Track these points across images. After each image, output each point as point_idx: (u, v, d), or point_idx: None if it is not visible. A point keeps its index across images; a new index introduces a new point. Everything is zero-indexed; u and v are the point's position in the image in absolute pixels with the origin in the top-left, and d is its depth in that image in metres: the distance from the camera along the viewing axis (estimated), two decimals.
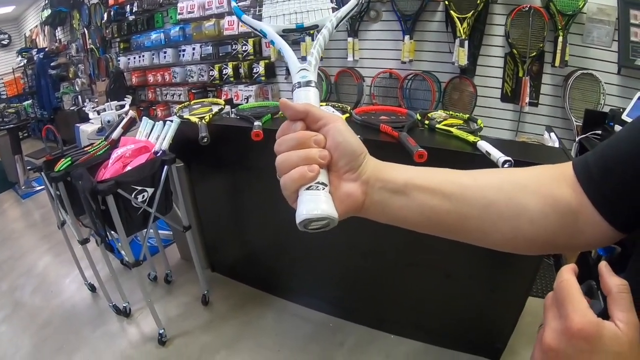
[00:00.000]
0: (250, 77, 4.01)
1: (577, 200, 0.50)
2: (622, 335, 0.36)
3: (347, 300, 2.37)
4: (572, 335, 0.37)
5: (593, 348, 0.36)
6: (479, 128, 1.73)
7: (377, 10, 3.23)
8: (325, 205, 0.46)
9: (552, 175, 0.53)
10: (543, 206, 0.51)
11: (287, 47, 0.64)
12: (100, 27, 5.58)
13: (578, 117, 2.69)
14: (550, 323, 0.40)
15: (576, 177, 0.51)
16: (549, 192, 0.51)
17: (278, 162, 0.48)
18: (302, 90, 0.56)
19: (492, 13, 2.89)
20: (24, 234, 3.94)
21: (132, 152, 2.13)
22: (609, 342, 0.36)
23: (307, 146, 0.48)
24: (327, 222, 0.46)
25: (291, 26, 0.70)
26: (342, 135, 0.49)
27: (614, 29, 2.60)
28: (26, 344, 2.40)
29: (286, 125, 0.51)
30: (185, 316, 2.50)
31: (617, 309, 0.38)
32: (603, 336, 0.36)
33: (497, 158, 1.39)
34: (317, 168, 0.47)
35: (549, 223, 0.51)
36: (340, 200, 0.48)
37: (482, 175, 0.55)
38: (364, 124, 1.90)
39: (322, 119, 0.50)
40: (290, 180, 0.47)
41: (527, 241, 0.53)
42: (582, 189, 0.50)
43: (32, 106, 7.41)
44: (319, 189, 0.46)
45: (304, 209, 0.45)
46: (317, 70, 0.61)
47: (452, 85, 3.12)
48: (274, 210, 2.31)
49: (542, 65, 2.85)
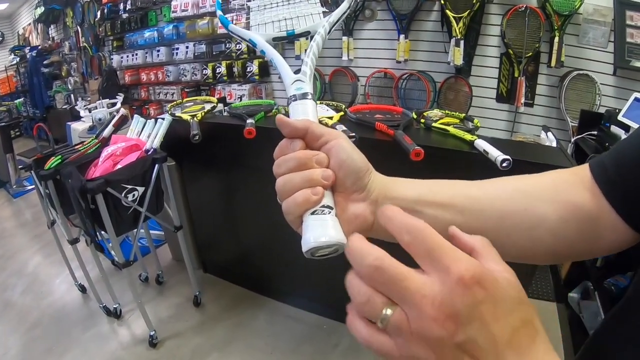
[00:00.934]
0: (244, 76, 4.00)
1: (596, 204, 0.48)
2: (511, 278, 0.31)
3: (342, 302, 2.31)
4: (465, 286, 0.28)
5: (494, 296, 0.29)
6: (476, 127, 1.71)
7: (372, 9, 3.22)
8: (333, 230, 0.42)
9: (568, 180, 0.51)
10: (562, 214, 0.48)
11: (278, 57, 0.60)
12: (94, 25, 5.54)
13: (574, 117, 2.69)
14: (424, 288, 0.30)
15: (594, 179, 0.49)
16: (567, 199, 0.49)
17: (279, 186, 0.45)
18: (298, 104, 0.52)
19: (488, 13, 2.88)
20: (15, 234, 3.90)
21: (123, 150, 2.10)
22: (507, 285, 0.30)
23: (308, 167, 0.44)
24: (335, 248, 0.42)
25: (281, 34, 0.66)
26: (345, 152, 0.45)
27: (610, 30, 2.60)
28: (16, 345, 2.37)
29: (284, 143, 0.46)
30: (177, 317, 2.47)
31: (493, 261, 0.32)
32: (498, 279, 0.30)
33: (495, 157, 1.36)
34: (321, 190, 0.43)
35: (569, 231, 0.48)
36: (349, 222, 0.45)
37: (493, 185, 0.52)
38: (359, 122, 1.87)
39: (323, 136, 0.46)
40: (294, 205, 0.43)
41: (546, 251, 0.50)
42: (601, 192, 0.48)
43: (23, 104, 7.35)
44: (325, 213, 0.43)
45: (311, 236, 0.41)
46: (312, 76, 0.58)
47: (448, 85, 3.11)
48: (266, 210, 2.29)
49: (538, 65, 2.85)
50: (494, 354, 0.29)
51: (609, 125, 2.27)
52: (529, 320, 0.30)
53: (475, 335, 0.29)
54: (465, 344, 0.29)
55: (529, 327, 0.30)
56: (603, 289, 1.98)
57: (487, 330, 0.29)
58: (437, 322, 0.29)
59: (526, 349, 0.29)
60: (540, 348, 0.30)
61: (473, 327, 0.29)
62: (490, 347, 0.29)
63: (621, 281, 1.96)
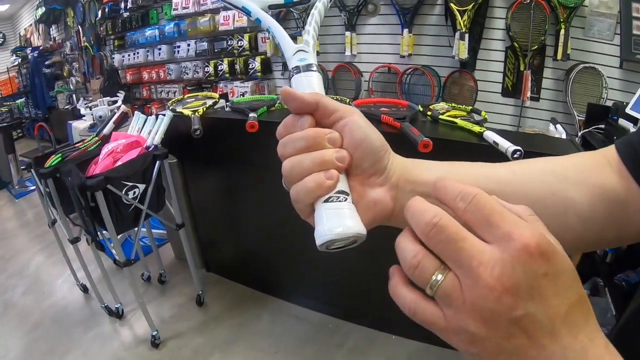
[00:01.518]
0: (246, 73, 3.95)
1: (625, 186, 0.44)
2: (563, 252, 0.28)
3: (347, 300, 2.33)
4: (530, 255, 0.26)
5: (556, 269, 0.27)
6: (484, 119, 1.68)
7: (375, 3, 3.18)
8: (351, 220, 0.37)
9: (594, 161, 0.47)
10: (591, 198, 0.44)
11: (277, 26, 0.53)
12: (95, 25, 5.52)
13: (580, 111, 2.65)
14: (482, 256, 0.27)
15: (621, 160, 0.45)
16: (595, 181, 0.45)
17: (286, 169, 0.39)
18: (302, 76, 0.46)
19: (493, 6, 2.84)
20: (17, 234, 3.90)
21: (124, 147, 2.07)
22: (563, 258, 0.28)
23: (320, 147, 0.39)
24: (353, 239, 0.37)
25: (278, 1, 0.59)
26: (362, 130, 0.40)
27: (616, 22, 2.56)
28: (16, 346, 2.36)
29: (290, 120, 0.41)
30: (179, 317, 2.46)
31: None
32: (559, 252, 0.28)
33: (505, 148, 1.32)
34: (335, 174, 0.38)
35: (599, 216, 0.45)
36: (367, 209, 0.40)
37: (521, 167, 0.48)
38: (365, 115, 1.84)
39: (336, 112, 0.40)
40: (305, 192, 0.38)
41: (575, 238, 0.46)
42: (630, 174, 0.44)
43: (25, 105, 7.35)
44: (341, 200, 0.38)
45: (326, 227, 0.37)
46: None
47: (452, 79, 3.07)
48: (270, 208, 2.27)
49: (544, 59, 2.81)
50: (550, 330, 0.27)
51: (616, 119, 2.23)
52: (584, 297, 0.28)
53: (535, 311, 0.27)
54: (522, 320, 0.27)
55: (583, 304, 0.28)
56: (613, 284, 1.95)
57: (546, 305, 0.27)
58: (494, 294, 0.27)
59: (580, 326, 0.28)
60: (594, 328, 0.28)
61: (533, 302, 0.27)
62: (548, 323, 0.27)
63: (632, 277, 1.92)
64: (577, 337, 0.27)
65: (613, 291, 1.94)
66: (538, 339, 0.27)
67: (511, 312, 0.27)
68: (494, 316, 0.27)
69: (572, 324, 0.27)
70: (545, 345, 0.27)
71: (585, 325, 0.28)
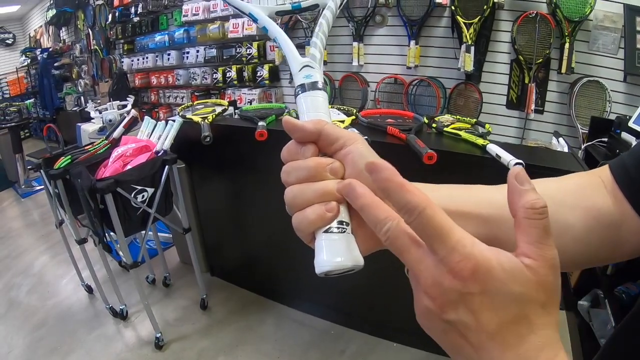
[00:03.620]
0: (254, 80, 4.00)
1: (619, 208, 0.46)
2: (524, 271, 0.29)
3: (349, 307, 2.34)
4: (455, 278, 0.29)
5: (484, 289, 0.29)
6: (487, 132, 1.71)
7: (383, 15, 3.22)
8: (348, 252, 0.38)
9: (590, 183, 0.48)
10: (586, 221, 0.46)
11: (284, 36, 0.51)
12: (105, 28, 5.58)
13: (584, 124, 2.67)
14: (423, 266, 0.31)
15: (615, 181, 0.47)
16: (590, 204, 0.46)
17: (288, 197, 0.40)
18: (308, 96, 0.45)
19: (499, 19, 2.87)
20: (22, 233, 3.92)
21: (133, 151, 2.11)
22: (505, 278, 0.29)
23: (321, 177, 0.39)
24: (350, 269, 0.39)
25: (286, 7, 0.57)
26: (364, 160, 0.38)
27: (620, 36, 2.59)
28: (20, 344, 2.38)
29: (293, 147, 0.41)
30: (183, 320, 2.47)
31: (523, 239, 0.30)
32: (495, 274, 0.29)
33: (507, 161, 1.35)
34: (335, 206, 0.38)
35: (593, 237, 0.46)
36: (366, 238, 0.40)
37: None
38: (370, 126, 1.87)
39: (338, 140, 0.40)
40: (307, 223, 0.38)
41: (570, 259, 0.46)
42: (623, 195, 0.46)
43: (34, 105, 7.41)
44: (340, 232, 0.39)
45: (325, 257, 0.38)
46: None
47: (458, 91, 3.10)
48: (275, 214, 2.28)
49: (548, 72, 2.83)
50: (477, 338, 0.30)
51: (619, 132, 2.25)
52: (525, 317, 0.29)
53: (462, 317, 0.30)
54: (453, 322, 0.30)
55: (521, 324, 0.29)
56: (613, 296, 1.96)
57: (474, 317, 0.29)
58: (428, 296, 0.31)
59: (511, 345, 0.29)
60: (530, 350, 0.29)
61: (459, 311, 0.30)
62: (476, 331, 0.30)
63: (632, 289, 1.93)
64: (506, 353, 0.29)
65: (613, 303, 1.95)
66: (474, 342, 0.30)
67: (441, 315, 0.30)
68: (429, 312, 0.31)
69: (501, 340, 0.29)
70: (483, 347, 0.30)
71: (517, 345, 0.29)
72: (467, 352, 0.31)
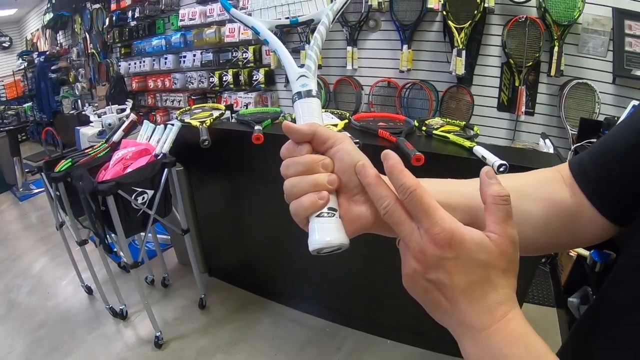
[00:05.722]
0: (250, 84, 4.05)
1: (576, 200, 0.52)
2: (489, 244, 0.37)
3: (345, 306, 2.39)
4: (434, 246, 0.37)
5: (457, 255, 0.37)
6: (475, 134, 1.76)
7: (377, 19, 3.28)
8: (337, 233, 0.46)
9: (552, 178, 0.55)
10: (546, 212, 0.53)
11: (283, 49, 0.58)
12: (102, 32, 5.62)
13: (573, 125, 2.73)
14: (411, 236, 0.39)
15: (573, 176, 0.53)
16: (550, 197, 0.53)
17: (287, 188, 0.47)
18: (304, 102, 0.52)
19: (489, 23, 2.94)
20: (21, 236, 3.93)
21: (133, 154, 2.15)
22: (474, 248, 0.37)
23: (315, 171, 0.46)
24: (338, 247, 0.47)
25: (285, 22, 0.63)
26: (349, 157, 0.46)
27: (609, 39, 2.65)
28: (20, 344, 2.39)
29: (291, 146, 0.48)
30: (182, 320, 2.51)
31: (491, 219, 0.38)
32: (466, 243, 0.37)
33: (492, 162, 1.42)
34: (326, 195, 0.46)
35: (552, 226, 0.53)
36: (352, 222, 0.47)
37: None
38: (363, 129, 1.93)
39: (328, 140, 0.48)
40: (302, 209, 0.46)
41: (531, 244, 0.54)
42: (580, 188, 0.52)
43: (31, 109, 7.43)
44: (330, 216, 0.46)
45: (317, 237, 0.45)
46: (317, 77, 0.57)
47: (450, 94, 3.16)
48: (271, 215, 2.33)
49: (538, 74, 2.90)
50: (451, 294, 0.38)
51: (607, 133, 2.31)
52: (488, 279, 0.38)
53: (440, 277, 0.38)
54: (434, 281, 0.39)
55: (485, 284, 0.38)
56: None
57: (449, 277, 0.38)
58: (415, 260, 0.39)
59: (478, 298, 0.38)
60: (493, 303, 0.38)
61: (438, 272, 0.38)
62: (450, 288, 0.38)
63: None
64: (473, 305, 0.38)
65: None
66: (449, 297, 0.38)
67: (424, 275, 0.39)
68: (415, 274, 0.40)
69: (470, 295, 0.38)
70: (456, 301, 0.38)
71: (482, 299, 0.38)
72: (444, 306, 0.39)
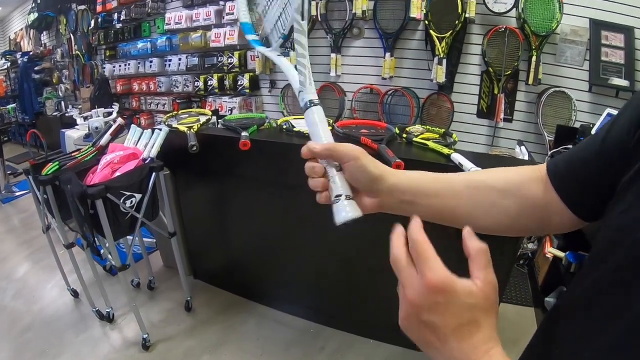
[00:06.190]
0: (235, 89, 4.08)
1: (548, 195, 0.61)
2: (476, 290, 0.43)
3: (327, 307, 2.44)
4: (429, 290, 0.43)
5: (448, 300, 0.43)
6: (454, 141, 1.84)
7: (360, 27, 3.34)
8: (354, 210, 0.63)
9: (529, 175, 0.65)
10: (520, 206, 0.64)
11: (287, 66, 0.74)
12: (87, 34, 5.59)
13: (550, 132, 2.82)
14: (410, 281, 0.45)
15: (548, 176, 0.62)
16: (526, 194, 0.63)
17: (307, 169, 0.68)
18: (307, 113, 0.68)
19: (470, 33, 3.03)
20: (4, 239, 3.87)
21: (121, 158, 2.18)
22: (463, 294, 0.43)
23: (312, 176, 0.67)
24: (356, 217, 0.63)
25: (280, 41, 0.76)
26: (359, 171, 0.65)
27: (586, 49, 2.75)
28: (6, 348, 2.39)
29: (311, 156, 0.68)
30: (168, 321, 2.53)
31: (475, 267, 0.44)
32: (456, 290, 0.43)
33: (468, 169, 1.50)
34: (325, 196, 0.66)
35: (524, 217, 0.64)
36: (364, 207, 0.66)
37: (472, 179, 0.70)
38: (345, 136, 1.99)
39: (343, 158, 0.65)
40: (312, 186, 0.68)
41: (507, 228, 0.67)
42: (553, 187, 0.61)
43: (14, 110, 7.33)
44: (347, 199, 0.64)
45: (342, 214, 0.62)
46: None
47: (430, 101, 3.23)
48: (256, 219, 2.38)
49: (517, 83, 2.99)
50: (442, 334, 0.44)
51: (583, 139, 2.39)
52: (475, 320, 0.44)
53: (432, 319, 0.44)
54: (426, 322, 0.44)
55: (472, 325, 0.43)
56: None
57: (441, 318, 0.44)
58: (410, 304, 0.45)
59: (465, 337, 0.43)
60: (479, 342, 0.43)
61: (431, 314, 0.44)
62: (442, 329, 0.44)
63: None
64: (461, 343, 0.43)
65: None
66: (440, 337, 0.44)
67: (419, 317, 0.45)
68: (410, 315, 0.46)
69: (459, 335, 0.43)
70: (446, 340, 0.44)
71: (469, 338, 0.43)
72: (436, 345, 0.45)
